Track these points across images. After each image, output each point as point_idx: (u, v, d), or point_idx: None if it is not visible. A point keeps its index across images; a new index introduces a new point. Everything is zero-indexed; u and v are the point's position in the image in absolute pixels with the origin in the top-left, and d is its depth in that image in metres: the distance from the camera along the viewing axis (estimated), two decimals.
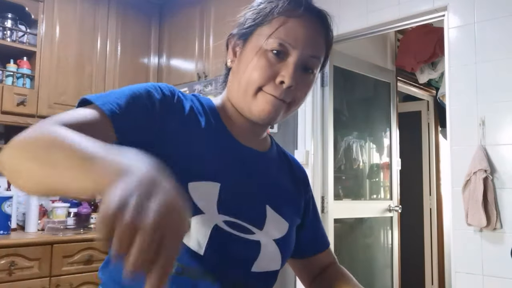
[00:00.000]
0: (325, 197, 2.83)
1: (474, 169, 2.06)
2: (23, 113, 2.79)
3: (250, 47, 0.77)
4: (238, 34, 0.80)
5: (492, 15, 2.12)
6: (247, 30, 0.78)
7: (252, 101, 0.75)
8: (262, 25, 0.76)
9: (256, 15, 0.77)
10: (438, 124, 4.27)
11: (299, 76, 0.75)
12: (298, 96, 0.77)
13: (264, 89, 0.74)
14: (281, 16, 0.75)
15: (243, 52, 0.78)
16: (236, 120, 0.80)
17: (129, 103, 0.67)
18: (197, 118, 0.76)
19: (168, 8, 3.53)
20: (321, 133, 2.86)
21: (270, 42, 0.74)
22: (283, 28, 0.74)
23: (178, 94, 0.76)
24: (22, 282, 2.40)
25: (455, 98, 2.22)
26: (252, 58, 0.75)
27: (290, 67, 0.73)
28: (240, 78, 0.76)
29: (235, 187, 0.74)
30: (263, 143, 0.85)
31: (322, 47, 0.79)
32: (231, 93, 0.80)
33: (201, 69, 3.16)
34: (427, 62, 3.61)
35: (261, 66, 0.74)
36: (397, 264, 3.40)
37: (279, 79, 0.73)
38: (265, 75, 0.73)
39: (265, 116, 0.75)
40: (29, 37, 2.94)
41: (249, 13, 0.80)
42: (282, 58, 0.74)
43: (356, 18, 2.59)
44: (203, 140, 0.74)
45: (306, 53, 0.75)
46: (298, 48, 0.74)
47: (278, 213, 0.80)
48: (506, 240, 2.00)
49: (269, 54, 0.74)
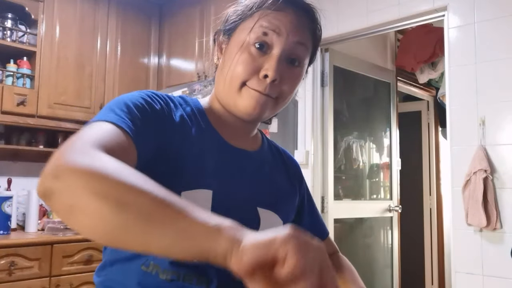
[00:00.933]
0: (325, 197, 2.83)
1: (474, 169, 2.06)
2: (23, 113, 2.79)
3: (234, 42, 0.76)
4: (223, 30, 0.79)
5: (492, 15, 2.12)
6: (231, 26, 0.77)
7: (237, 97, 0.74)
8: (245, 20, 0.75)
9: (240, 10, 0.77)
10: (438, 124, 4.27)
11: (284, 69, 0.73)
12: (285, 90, 0.75)
13: (248, 84, 0.73)
14: (264, 9, 0.74)
15: (228, 48, 0.77)
16: (225, 119, 0.80)
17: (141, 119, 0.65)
18: (187, 125, 0.74)
19: (168, 8, 3.53)
20: (321, 133, 2.86)
21: (252, 33, 0.73)
22: (265, 18, 0.73)
23: (167, 101, 0.74)
24: (22, 282, 2.40)
25: (455, 98, 2.22)
26: (236, 53, 0.74)
27: (273, 59, 0.72)
28: (225, 74, 0.75)
29: (228, 192, 0.74)
30: (254, 141, 0.85)
31: (308, 37, 0.77)
32: (218, 90, 0.79)
33: (201, 69, 3.16)
34: (427, 62, 3.61)
35: (244, 60, 0.72)
36: (397, 264, 3.40)
37: (262, 73, 0.72)
38: (248, 69, 0.72)
39: (251, 111, 0.74)
40: (29, 37, 2.94)
41: (232, 9, 0.79)
42: (266, 52, 0.73)
43: (356, 18, 2.59)
44: (194, 146, 0.73)
45: (291, 40, 0.73)
46: (282, 35, 0.72)
47: (273, 211, 0.79)
48: (506, 240, 2.00)
49: (252, 48, 0.73)
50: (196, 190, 0.69)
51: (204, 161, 0.73)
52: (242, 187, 0.77)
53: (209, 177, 0.72)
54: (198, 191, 0.69)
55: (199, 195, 0.69)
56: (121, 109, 0.63)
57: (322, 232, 0.96)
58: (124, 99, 0.67)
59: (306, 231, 0.93)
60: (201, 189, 0.70)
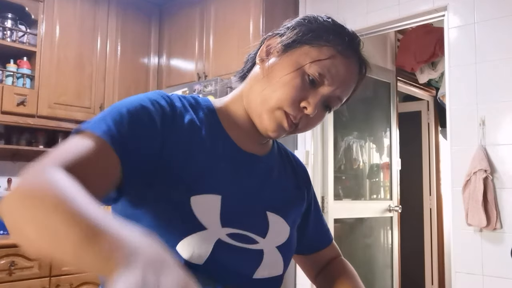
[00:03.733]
0: (325, 197, 2.83)
1: (474, 169, 2.06)
2: (23, 113, 2.79)
3: (290, 60, 0.74)
4: (282, 39, 0.76)
5: (492, 15, 2.12)
6: (294, 41, 0.75)
7: (267, 113, 0.74)
8: (312, 46, 0.73)
9: (311, 32, 0.74)
10: (438, 124, 4.27)
11: (318, 109, 0.74)
12: (309, 126, 0.77)
13: (286, 108, 0.73)
14: (333, 47, 0.73)
15: (280, 61, 0.75)
16: (241, 123, 0.79)
17: (130, 128, 0.64)
18: (196, 128, 0.73)
19: (168, 8, 3.53)
20: (321, 133, 2.86)
21: (312, 67, 0.72)
22: (330, 60, 0.73)
23: (175, 103, 0.73)
24: (22, 282, 2.40)
25: (455, 98, 2.22)
26: (288, 72, 0.73)
27: (318, 97, 0.73)
28: (266, 84, 0.74)
29: (237, 197, 0.73)
30: (264, 145, 0.84)
31: (350, 92, 0.78)
32: (253, 93, 0.77)
33: (201, 69, 3.16)
34: (427, 62, 3.61)
35: (294, 85, 0.72)
36: (397, 264, 3.40)
37: (303, 104, 0.72)
38: (294, 96, 0.72)
39: (270, 134, 0.75)
40: (29, 37, 2.94)
41: (302, 26, 0.76)
42: (313, 86, 0.73)
43: (356, 18, 2.59)
44: (204, 150, 0.72)
45: (336, 94, 0.75)
46: (332, 86, 0.73)
47: (281, 216, 0.79)
48: (506, 240, 2.00)
49: (305, 77, 0.72)
50: (205, 195, 0.69)
51: (213, 165, 0.73)
52: (251, 192, 0.77)
53: (217, 182, 0.72)
54: (206, 196, 0.69)
55: (208, 200, 0.69)
56: (113, 119, 0.63)
57: (326, 239, 0.96)
58: (122, 106, 0.66)
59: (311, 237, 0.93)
60: (209, 194, 0.70)
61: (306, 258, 0.95)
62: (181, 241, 0.65)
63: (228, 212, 0.70)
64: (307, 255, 0.94)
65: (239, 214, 0.73)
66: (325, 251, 0.95)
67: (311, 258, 0.94)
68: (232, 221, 0.71)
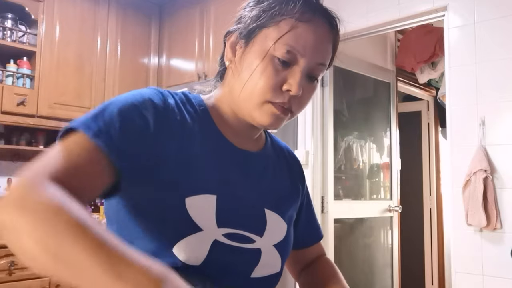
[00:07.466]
0: (325, 197, 2.83)
1: (474, 169, 2.06)
2: (23, 113, 2.79)
3: (255, 49, 0.71)
4: (240, 32, 0.74)
5: (492, 15, 2.12)
6: (251, 30, 0.72)
7: (256, 110, 0.72)
8: (269, 27, 0.71)
9: (262, 13, 0.72)
10: (438, 124, 4.27)
11: (304, 84, 0.72)
12: (303, 104, 0.74)
13: (270, 99, 0.71)
14: (290, 18, 0.69)
15: (246, 54, 0.73)
16: (232, 121, 0.77)
17: (122, 130, 0.62)
18: (188, 126, 0.71)
19: (168, 8, 3.53)
20: (321, 133, 2.86)
21: (278, 47, 0.69)
22: (292, 33, 0.69)
23: (168, 100, 0.71)
24: (22, 282, 2.40)
25: (455, 98, 2.22)
26: (258, 63, 0.70)
27: (297, 75, 0.70)
28: (242, 82, 0.72)
29: (232, 196, 0.72)
30: (258, 141, 0.83)
31: (329, 53, 0.75)
32: (232, 95, 0.75)
33: (201, 69, 3.16)
34: (427, 62, 3.61)
35: (268, 74, 0.69)
36: (397, 264, 3.40)
37: (285, 87, 0.70)
38: (272, 84, 0.70)
39: (268, 126, 0.74)
40: (29, 37, 2.94)
41: (252, 11, 0.74)
42: (288, 66, 0.70)
43: (356, 18, 2.59)
44: (197, 149, 0.71)
45: (314, 61, 0.71)
46: (306, 56, 0.70)
47: (278, 213, 0.79)
48: (506, 240, 2.00)
49: (275, 61, 0.70)
50: (200, 195, 0.68)
51: (206, 164, 0.71)
52: (247, 190, 0.76)
53: (212, 181, 0.70)
54: (201, 197, 0.68)
55: (203, 201, 0.68)
56: (104, 119, 0.62)
57: (317, 236, 0.95)
58: (114, 106, 0.64)
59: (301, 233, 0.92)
60: (204, 194, 0.68)
61: (292, 253, 0.92)
62: (177, 243, 0.65)
63: (224, 211, 0.69)
64: (294, 250, 0.91)
65: (235, 214, 0.72)
66: (313, 248, 0.94)
67: (297, 253, 0.93)
68: (228, 221, 0.70)
